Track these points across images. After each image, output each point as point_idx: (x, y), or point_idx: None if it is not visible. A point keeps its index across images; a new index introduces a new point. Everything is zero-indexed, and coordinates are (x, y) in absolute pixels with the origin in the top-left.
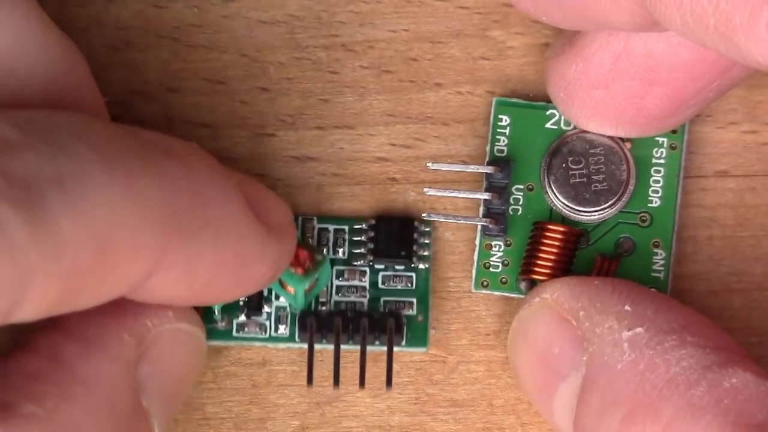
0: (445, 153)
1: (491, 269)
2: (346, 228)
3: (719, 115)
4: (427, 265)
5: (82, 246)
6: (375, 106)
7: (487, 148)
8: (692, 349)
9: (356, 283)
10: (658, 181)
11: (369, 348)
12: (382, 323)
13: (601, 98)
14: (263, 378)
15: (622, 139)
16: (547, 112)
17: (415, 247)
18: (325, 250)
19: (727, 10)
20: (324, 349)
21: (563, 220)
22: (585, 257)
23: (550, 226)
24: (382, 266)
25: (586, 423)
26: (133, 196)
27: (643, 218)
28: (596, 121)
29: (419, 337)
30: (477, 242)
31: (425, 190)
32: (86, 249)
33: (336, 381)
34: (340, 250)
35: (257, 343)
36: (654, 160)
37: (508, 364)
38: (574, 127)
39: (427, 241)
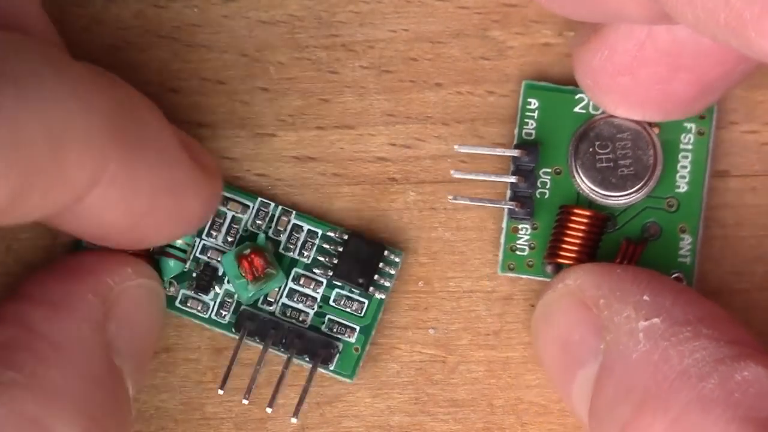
0: (445, 153)
1: (518, 252)
2: (319, 232)
3: (719, 115)
4: (383, 296)
5: (36, 138)
6: (375, 106)
7: (515, 131)
8: (706, 342)
9: (309, 292)
10: (685, 167)
11: (296, 360)
12: (314, 348)
13: (628, 84)
14: (264, 378)
15: (650, 124)
16: (576, 96)
17: (376, 276)
18: (292, 251)
19: (738, 5)
20: (255, 346)
21: (590, 204)
22: (611, 241)
23: (577, 210)
24: (339, 284)
25: (600, 410)
26: (80, 99)
27: (670, 203)
28: (624, 107)
29: (348, 367)
30: (504, 225)
31: (453, 172)
32: (40, 142)
33: (248, 393)
34: (306, 253)
35: (195, 320)
36: (682, 146)
37: (508, 364)
38: (602, 112)
39: (392, 272)
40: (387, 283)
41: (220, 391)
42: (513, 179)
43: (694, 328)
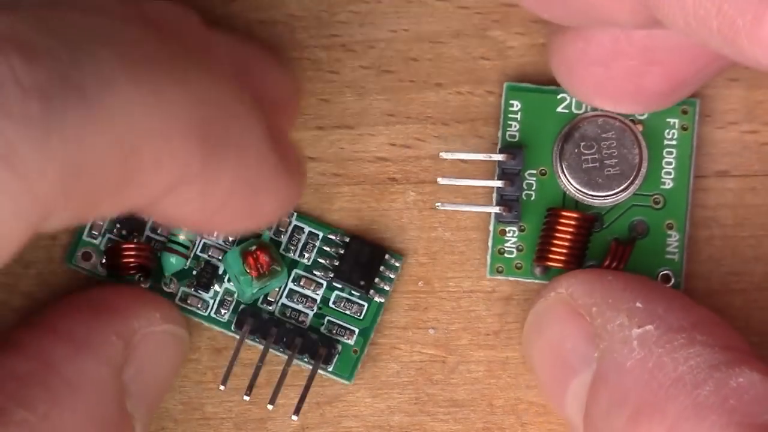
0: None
1: (506, 255)
2: (320, 235)
3: (719, 115)
4: (382, 300)
5: (103, 156)
6: (375, 106)
7: (499, 134)
8: (700, 348)
9: (309, 293)
10: (670, 163)
11: (296, 362)
12: (315, 348)
13: (602, 76)
14: (263, 378)
15: (634, 122)
16: (558, 96)
17: (377, 279)
18: (293, 252)
19: (730, 12)
20: (255, 346)
21: (576, 204)
22: (599, 240)
23: (564, 213)
24: (339, 286)
25: (595, 419)
26: (160, 104)
27: (656, 200)
28: (597, 98)
29: (347, 369)
30: (491, 228)
31: (439, 180)
32: (108, 159)
33: (249, 390)
34: (306, 255)
35: (195, 318)
36: (666, 142)
37: (508, 364)
38: (586, 111)
39: (391, 276)
40: (386, 287)
41: (222, 387)
42: (499, 184)
43: (689, 334)
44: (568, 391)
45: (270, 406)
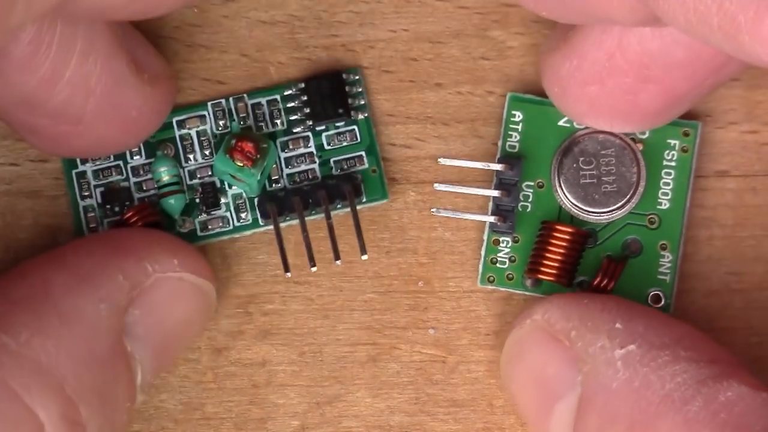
0: (445, 153)
1: (498, 265)
2: (278, 97)
3: (719, 115)
4: (366, 114)
5: None
6: (375, 106)
7: (499, 144)
8: (686, 364)
9: (302, 150)
10: (668, 183)
11: (333, 213)
12: (341, 189)
13: (595, 94)
14: (263, 378)
15: (634, 140)
16: None
17: (349, 100)
18: (266, 126)
19: (732, 9)
20: (289, 225)
21: (572, 219)
22: (592, 256)
23: (559, 227)
24: (322, 127)
25: None
26: None
27: (651, 220)
28: (591, 117)
29: (377, 190)
30: (485, 237)
31: (435, 185)
32: None
33: (311, 261)
34: (278, 122)
35: (224, 237)
36: (665, 162)
37: None
38: (587, 127)
39: (359, 90)
40: (362, 101)
41: (288, 275)
42: (496, 193)
43: (672, 351)
44: (553, 416)
45: (338, 262)
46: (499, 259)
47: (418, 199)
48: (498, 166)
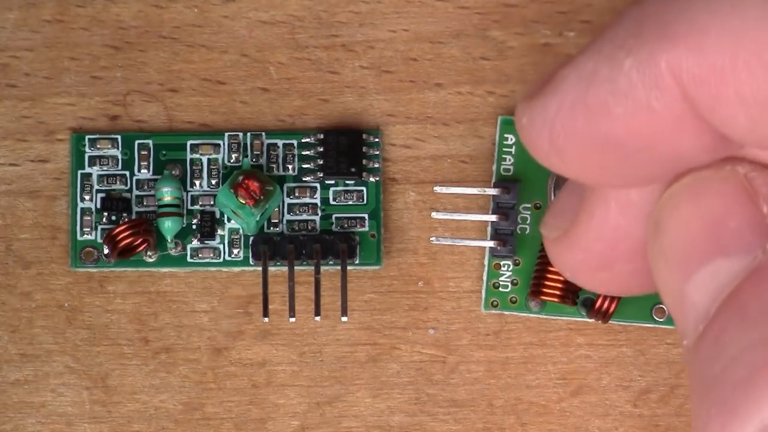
0: (445, 153)
1: (500, 289)
2: (295, 143)
3: None
4: (377, 178)
5: None
6: (375, 106)
7: (493, 168)
8: None
9: (307, 200)
10: None
11: (323, 268)
12: (335, 247)
13: (607, 279)
14: (263, 378)
15: None
16: None
17: (364, 161)
18: (276, 169)
19: None
20: (279, 271)
21: None
22: None
23: None
24: (332, 182)
25: (750, 311)
26: None
27: None
28: (608, 293)
29: (372, 255)
30: (486, 262)
31: (433, 214)
32: None
33: (291, 312)
34: (290, 167)
35: (212, 268)
36: None
37: (508, 364)
38: None
39: (376, 152)
40: (376, 165)
41: (265, 320)
42: (494, 218)
43: None
44: (705, 267)
45: (317, 318)
46: (501, 283)
47: (418, 199)
48: (494, 191)
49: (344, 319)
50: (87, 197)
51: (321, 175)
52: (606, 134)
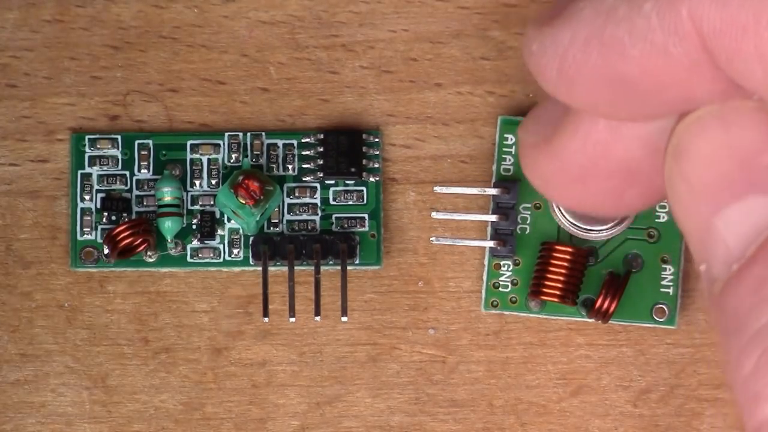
0: (446, 153)
1: (500, 289)
2: (295, 143)
3: None
4: (377, 178)
5: None
6: (375, 106)
7: (493, 168)
8: None
9: (307, 200)
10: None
11: (323, 268)
12: (335, 247)
13: (579, 193)
14: (263, 378)
15: None
16: None
17: (364, 161)
18: (276, 169)
19: None
20: (279, 271)
21: (571, 238)
22: (594, 274)
23: (558, 247)
24: (332, 182)
25: None
26: None
27: (650, 234)
28: (576, 209)
29: (371, 255)
30: (486, 262)
31: (433, 214)
32: None
33: (291, 311)
34: (290, 167)
35: (212, 268)
36: None
37: (508, 364)
38: None
39: (376, 152)
40: (376, 165)
41: (265, 320)
42: (494, 218)
43: None
44: (738, 205)
45: (317, 318)
46: (501, 283)
47: (418, 199)
48: (494, 191)
49: (344, 319)
50: (87, 197)
51: (321, 175)
52: (619, 73)
